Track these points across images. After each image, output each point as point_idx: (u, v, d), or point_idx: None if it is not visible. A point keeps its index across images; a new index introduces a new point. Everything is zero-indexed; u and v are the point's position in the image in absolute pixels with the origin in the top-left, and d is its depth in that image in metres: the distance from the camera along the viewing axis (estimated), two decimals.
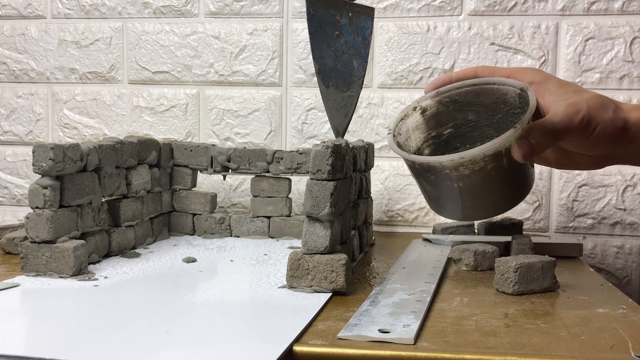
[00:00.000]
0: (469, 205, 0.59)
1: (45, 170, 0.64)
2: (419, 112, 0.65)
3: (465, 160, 0.54)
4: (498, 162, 0.55)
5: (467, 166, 0.55)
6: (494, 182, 0.57)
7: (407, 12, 1.00)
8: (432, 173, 0.57)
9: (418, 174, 0.59)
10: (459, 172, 0.55)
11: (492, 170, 0.56)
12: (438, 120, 0.65)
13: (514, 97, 0.61)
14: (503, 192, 0.59)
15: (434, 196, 0.60)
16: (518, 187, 0.60)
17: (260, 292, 0.60)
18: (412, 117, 0.65)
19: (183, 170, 0.90)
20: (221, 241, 0.86)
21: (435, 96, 0.65)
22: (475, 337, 0.48)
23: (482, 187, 0.57)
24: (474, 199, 0.58)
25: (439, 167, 0.56)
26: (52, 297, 0.58)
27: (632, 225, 0.97)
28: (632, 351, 0.45)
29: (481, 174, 0.55)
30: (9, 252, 0.77)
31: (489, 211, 0.61)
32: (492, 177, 0.56)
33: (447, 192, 0.58)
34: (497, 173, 0.56)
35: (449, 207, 0.60)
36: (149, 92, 1.07)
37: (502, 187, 0.58)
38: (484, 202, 0.59)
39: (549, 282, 0.62)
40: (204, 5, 1.05)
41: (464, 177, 0.56)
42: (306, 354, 0.45)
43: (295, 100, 1.03)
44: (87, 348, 0.44)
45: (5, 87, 1.11)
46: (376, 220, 1.02)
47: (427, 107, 0.65)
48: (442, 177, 0.57)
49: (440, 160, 0.55)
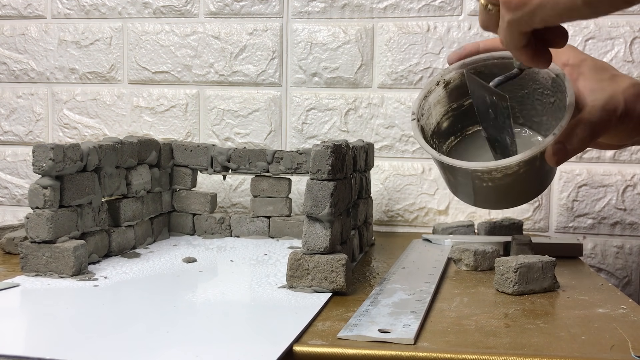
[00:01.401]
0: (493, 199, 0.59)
1: (45, 170, 0.64)
2: (442, 86, 0.63)
3: (500, 167, 0.54)
4: (531, 166, 0.55)
5: (500, 171, 0.54)
6: (523, 181, 0.56)
7: (407, 12, 1.00)
8: (459, 174, 0.57)
9: (445, 169, 0.59)
10: (490, 175, 0.55)
11: (525, 173, 0.55)
12: (460, 92, 0.64)
13: (547, 78, 0.59)
14: (529, 188, 0.59)
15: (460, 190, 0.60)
16: (542, 183, 0.60)
17: (260, 292, 0.60)
18: (435, 93, 0.64)
19: (183, 170, 0.90)
20: (221, 241, 0.86)
21: (460, 67, 0.62)
22: (475, 337, 0.48)
23: (511, 186, 0.56)
24: (500, 195, 0.58)
25: (470, 171, 0.55)
26: (52, 297, 0.58)
27: (632, 225, 0.97)
28: (632, 351, 0.45)
29: (513, 176, 0.55)
30: (9, 252, 0.77)
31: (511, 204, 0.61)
32: (524, 178, 0.56)
33: (474, 188, 0.58)
34: (526, 173, 0.56)
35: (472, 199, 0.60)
36: (149, 92, 1.07)
37: (530, 185, 0.58)
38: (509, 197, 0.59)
39: (549, 282, 0.62)
40: (204, 5, 1.05)
41: (494, 179, 0.55)
42: (306, 354, 0.45)
43: (295, 100, 1.03)
44: (87, 348, 0.44)
45: (5, 87, 1.11)
46: (376, 220, 1.02)
47: (451, 79, 0.63)
48: (470, 178, 0.56)
49: (473, 167, 0.54)
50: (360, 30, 1.01)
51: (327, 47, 1.02)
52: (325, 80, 1.02)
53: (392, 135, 1.01)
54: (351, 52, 1.01)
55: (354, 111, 1.02)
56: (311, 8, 1.02)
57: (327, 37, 1.02)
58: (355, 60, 1.01)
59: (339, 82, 1.02)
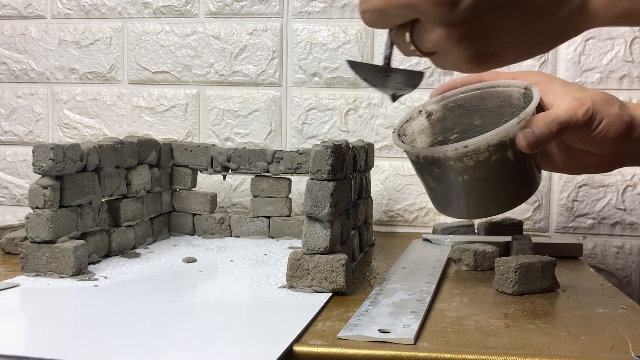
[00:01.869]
0: (473, 201, 0.58)
1: (45, 170, 0.64)
2: (424, 115, 0.65)
3: (469, 149, 0.54)
4: (503, 154, 0.55)
5: (472, 157, 0.55)
6: (499, 176, 0.56)
7: None
8: (436, 166, 0.57)
9: (422, 168, 0.59)
10: (463, 163, 0.55)
11: (497, 162, 0.55)
12: (444, 125, 0.65)
13: (519, 97, 0.61)
14: (508, 187, 0.58)
15: (439, 192, 0.60)
16: (522, 184, 0.59)
17: (260, 292, 0.60)
18: (418, 120, 0.65)
19: (183, 170, 0.90)
20: (221, 241, 0.86)
21: (441, 100, 0.65)
22: (475, 337, 0.48)
23: (487, 181, 0.57)
24: (479, 195, 0.58)
25: (443, 159, 0.55)
26: (52, 297, 0.58)
27: (632, 225, 0.97)
28: (632, 351, 0.45)
29: (485, 165, 0.55)
30: (9, 252, 0.77)
31: (493, 208, 0.60)
32: (497, 170, 0.56)
33: (452, 187, 0.58)
34: (501, 166, 0.56)
35: (454, 204, 0.60)
36: (149, 92, 1.07)
37: (506, 182, 0.58)
38: (488, 197, 0.58)
39: (549, 282, 0.62)
40: (204, 5, 1.05)
41: (468, 169, 0.56)
42: (306, 354, 0.45)
43: (295, 100, 1.03)
44: (87, 348, 0.44)
45: (5, 87, 1.11)
46: (376, 220, 1.02)
47: (433, 111, 0.65)
48: (446, 170, 0.56)
49: (444, 150, 0.55)
50: (360, 30, 1.01)
51: (327, 47, 1.02)
52: (325, 80, 1.02)
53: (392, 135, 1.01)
54: (351, 52, 1.01)
55: (354, 111, 1.02)
56: (311, 8, 1.02)
57: (327, 37, 1.02)
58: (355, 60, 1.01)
59: (339, 82, 1.02)
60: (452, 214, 0.62)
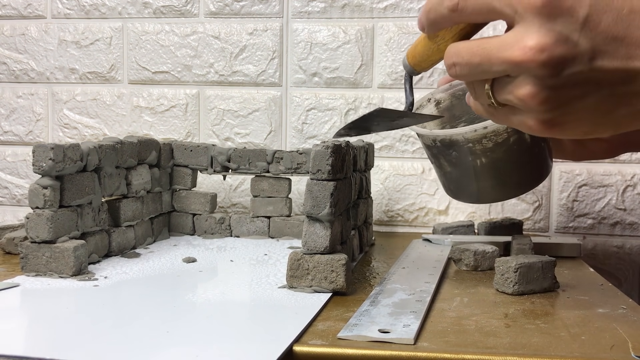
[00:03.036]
0: (490, 183, 0.58)
1: (45, 170, 0.64)
2: (433, 104, 0.65)
3: (488, 130, 0.54)
4: (520, 135, 0.55)
5: (491, 138, 0.54)
6: (516, 157, 0.56)
7: (407, 12, 1.00)
8: (454, 149, 0.56)
9: (438, 152, 0.58)
10: (482, 144, 0.55)
11: (515, 143, 0.55)
12: (452, 114, 0.65)
13: None
14: (524, 169, 0.58)
15: (454, 177, 0.59)
16: (537, 165, 0.59)
17: (260, 292, 0.60)
18: (427, 109, 0.65)
19: (183, 170, 0.90)
20: (221, 241, 0.86)
21: (449, 89, 0.64)
22: (475, 337, 0.48)
23: (505, 163, 0.56)
24: (496, 177, 0.57)
25: (462, 141, 0.55)
26: (52, 297, 0.58)
27: (632, 225, 0.97)
28: (632, 351, 0.45)
29: (504, 147, 0.55)
30: (9, 252, 0.77)
31: (509, 191, 0.60)
32: (514, 152, 0.56)
33: (468, 170, 0.57)
34: (519, 147, 0.55)
35: (469, 188, 0.59)
36: (149, 92, 1.07)
37: (523, 164, 0.57)
38: (506, 179, 0.58)
39: (549, 282, 0.62)
40: (204, 5, 1.05)
41: (486, 151, 0.55)
42: (306, 354, 0.45)
43: (295, 100, 1.03)
44: (87, 348, 0.44)
45: (5, 87, 1.11)
46: (376, 220, 1.02)
47: (441, 99, 0.65)
48: (464, 153, 0.56)
49: (463, 132, 0.54)
50: (360, 30, 1.01)
51: (327, 47, 1.02)
52: (325, 80, 1.02)
53: (392, 135, 1.01)
54: (351, 52, 1.01)
55: (354, 111, 1.02)
56: (311, 8, 1.02)
57: (327, 37, 1.02)
58: (355, 60, 1.01)
59: (339, 82, 1.02)
60: (466, 199, 0.62)
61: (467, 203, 0.71)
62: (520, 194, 0.60)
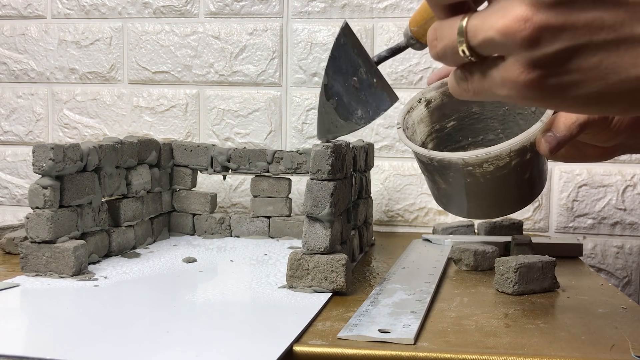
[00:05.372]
0: (486, 203, 0.57)
1: (45, 170, 0.64)
2: (423, 104, 0.64)
3: (490, 156, 0.53)
4: (522, 158, 0.54)
5: (492, 162, 0.53)
6: (515, 179, 0.55)
7: (407, 12, 1.00)
8: (451, 170, 0.55)
9: (434, 170, 0.57)
10: (482, 168, 0.54)
11: (517, 165, 0.54)
12: (442, 113, 0.64)
13: None
14: (523, 188, 0.57)
15: (447, 193, 0.58)
16: (537, 183, 0.59)
17: (260, 292, 0.60)
18: (417, 110, 0.64)
19: (183, 170, 0.90)
20: (221, 241, 0.86)
21: (440, 87, 0.63)
22: (475, 337, 0.48)
23: (503, 185, 0.55)
24: (492, 197, 0.57)
25: (461, 164, 0.54)
26: (52, 297, 0.58)
27: (632, 225, 0.97)
28: (632, 351, 0.45)
29: (506, 169, 0.54)
30: (9, 252, 0.77)
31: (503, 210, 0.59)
32: (516, 173, 0.55)
33: (464, 189, 0.56)
34: (521, 168, 0.55)
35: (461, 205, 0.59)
36: (149, 92, 1.07)
37: (522, 183, 0.56)
38: (501, 200, 0.57)
39: (549, 282, 0.62)
40: (204, 5, 1.05)
41: (486, 174, 0.54)
42: (306, 354, 0.45)
43: (295, 100, 1.03)
44: (87, 348, 0.44)
45: (5, 87, 1.11)
46: (376, 220, 1.02)
47: (432, 98, 0.64)
48: (462, 174, 0.55)
49: (463, 156, 0.53)
50: (361, 30, 1.01)
51: (327, 47, 1.02)
52: None
53: (392, 135, 1.01)
54: None
55: None
56: (311, 8, 1.02)
57: (327, 37, 1.02)
58: None
59: None
60: (456, 213, 0.61)
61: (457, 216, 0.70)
62: (513, 212, 0.59)
